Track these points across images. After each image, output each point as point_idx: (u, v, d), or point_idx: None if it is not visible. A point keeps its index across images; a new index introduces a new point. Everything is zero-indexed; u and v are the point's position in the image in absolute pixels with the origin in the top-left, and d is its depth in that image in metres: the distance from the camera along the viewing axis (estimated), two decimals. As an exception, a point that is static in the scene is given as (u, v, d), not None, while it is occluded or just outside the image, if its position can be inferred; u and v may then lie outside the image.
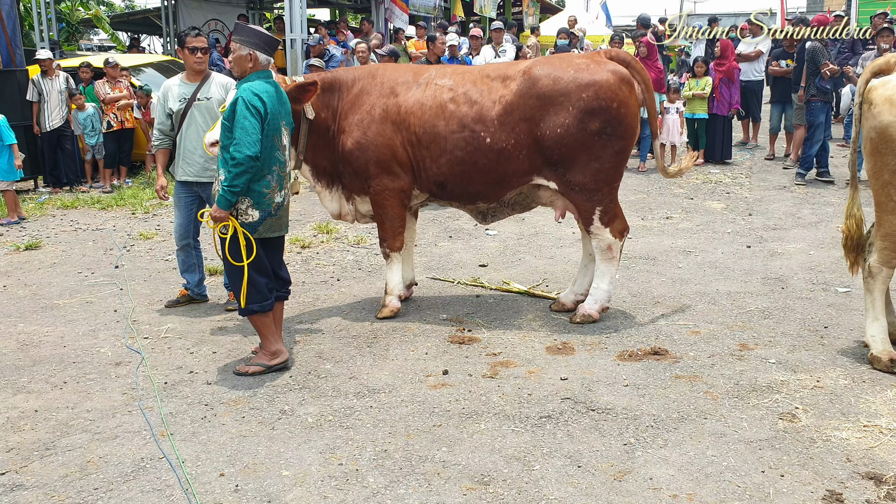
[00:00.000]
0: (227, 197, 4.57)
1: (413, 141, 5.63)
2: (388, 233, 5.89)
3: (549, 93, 5.37)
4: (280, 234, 4.96)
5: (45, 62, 11.37)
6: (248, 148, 4.50)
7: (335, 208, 6.03)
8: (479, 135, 5.49)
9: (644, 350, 5.13)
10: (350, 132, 5.65)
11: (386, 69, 5.99)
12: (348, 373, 4.89)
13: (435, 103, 5.59)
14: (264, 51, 4.74)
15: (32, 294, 6.70)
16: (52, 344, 5.50)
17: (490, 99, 5.52)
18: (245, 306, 4.78)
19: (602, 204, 5.54)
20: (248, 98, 4.56)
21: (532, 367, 4.91)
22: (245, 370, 4.86)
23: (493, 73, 5.67)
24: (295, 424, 4.20)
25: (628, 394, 4.50)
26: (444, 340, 5.42)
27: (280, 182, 4.80)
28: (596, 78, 5.38)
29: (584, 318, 5.70)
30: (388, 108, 5.64)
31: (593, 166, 5.44)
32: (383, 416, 4.27)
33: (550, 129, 5.38)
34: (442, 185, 5.74)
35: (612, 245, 5.66)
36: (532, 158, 5.50)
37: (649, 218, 9.23)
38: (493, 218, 6.03)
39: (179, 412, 4.37)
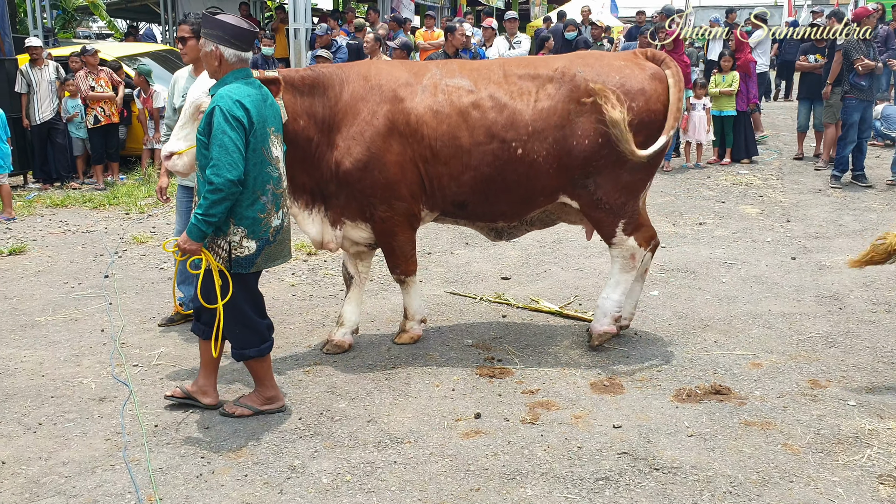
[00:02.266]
0: (200, 227, 3.77)
1: (427, 156, 4.77)
2: (401, 259, 5.09)
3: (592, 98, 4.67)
4: (280, 263, 4.23)
5: (34, 50, 10.69)
6: (228, 170, 3.72)
7: (316, 234, 4.99)
8: (511, 146, 4.73)
9: (703, 388, 4.49)
10: (347, 149, 4.71)
11: (379, 69, 4.98)
12: (366, 414, 4.26)
13: (453, 109, 4.74)
14: (232, 45, 3.88)
15: (12, 309, 6.06)
16: (29, 372, 4.86)
17: (523, 102, 4.75)
18: (239, 350, 4.11)
19: (626, 217, 4.93)
20: (227, 107, 3.75)
21: (578, 409, 4.27)
22: (233, 411, 4.22)
23: (520, 71, 4.86)
24: (307, 486, 3.56)
25: (695, 447, 3.87)
26: (472, 373, 4.78)
27: (276, 202, 4.03)
28: (645, 87, 4.75)
29: (600, 338, 5.07)
30: (394, 117, 4.73)
31: (625, 179, 4.83)
32: (410, 476, 3.63)
33: (591, 139, 4.70)
34: (462, 205, 4.97)
35: (636, 254, 5.04)
36: (564, 173, 4.81)
37: (681, 223, 8.59)
38: (508, 236, 5.36)
39: (171, 467, 3.73)
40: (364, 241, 5.06)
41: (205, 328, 4.10)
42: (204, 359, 4.21)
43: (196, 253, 3.87)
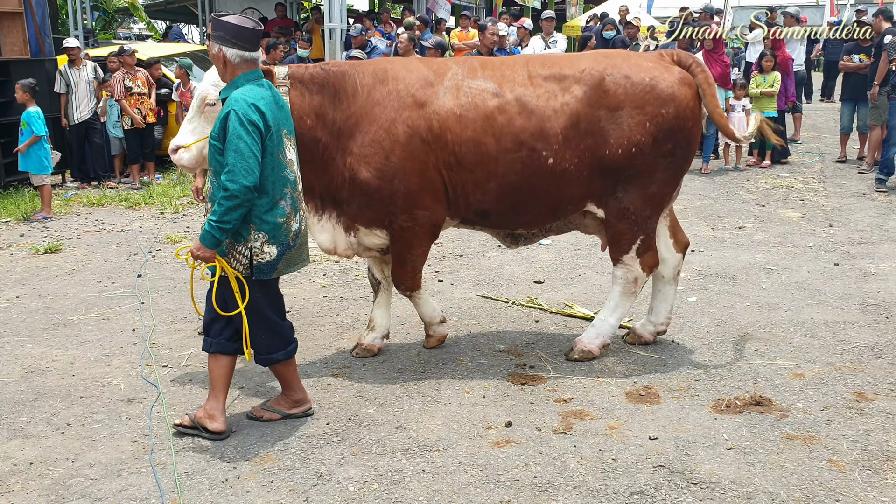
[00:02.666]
0: (214, 234, 3.65)
1: (451, 163, 4.52)
2: (409, 273, 4.81)
3: (624, 104, 4.49)
4: (300, 268, 4.14)
5: (73, 51, 10.80)
6: (244, 176, 3.60)
7: (328, 241, 4.78)
8: (541, 154, 4.50)
9: (743, 399, 4.34)
10: (364, 157, 4.47)
11: (396, 69, 4.66)
12: (394, 420, 4.17)
13: (478, 114, 4.48)
14: (234, 45, 3.74)
15: (46, 307, 6.09)
16: (60, 372, 4.86)
17: (550, 107, 4.50)
18: (266, 355, 4.01)
19: (646, 232, 4.77)
20: (243, 111, 3.64)
21: (612, 419, 4.14)
22: (260, 415, 4.16)
23: (544, 72, 4.60)
24: (333, 495, 3.48)
25: (734, 461, 3.72)
26: (504, 379, 4.67)
27: (294, 206, 3.92)
28: (676, 92, 4.55)
29: (582, 354, 4.91)
30: (415, 123, 4.46)
31: (652, 190, 4.66)
32: (439, 486, 3.54)
33: (623, 148, 4.51)
34: (484, 214, 4.75)
35: (639, 279, 4.88)
36: (592, 181, 4.61)
37: (719, 227, 8.39)
38: (524, 242, 5.16)
39: (197, 472, 3.68)
40: (377, 248, 4.85)
41: (213, 342, 3.96)
42: (213, 377, 4.01)
43: (210, 260, 3.76)
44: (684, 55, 4.86)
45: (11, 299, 6.27)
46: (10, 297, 6.33)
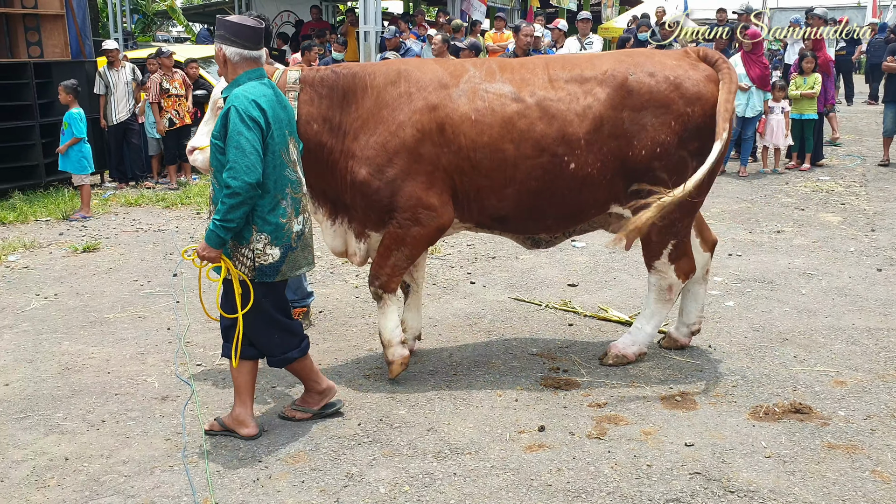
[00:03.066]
0: (218, 233, 3.59)
1: (465, 168, 4.37)
2: (389, 270, 4.54)
3: (649, 104, 4.36)
4: (304, 272, 4.07)
5: (111, 53, 10.96)
6: (246, 173, 3.53)
7: (339, 245, 4.73)
8: (563, 160, 4.36)
9: (782, 406, 4.23)
10: (367, 158, 4.35)
11: (409, 70, 4.52)
12: (426, 422, 4.14)
13: (495, 118, 4.33)
14: (234, 43, 3.70)
15: (83, 305, 6.17)
16: (96, 369, 4.92)
17: (572, 111, 4.35)
18: (282, 356, 3.96)
19: (678, 237, 4.64)
20: (243, 107, 3.58)
21: (647, 425, 4.07)
22: (292, 415, 4.15)
23: (565, 75, 4.45)
24: (364, 496, 3.46)
25: (773, 469, 3.63)
26: (536, 383, 4.62)
27: (296, 206, 3.85)
28: (702, 90, 4.42)
29: (617, 359, 4.84)
30: (425, 127, 4.32)
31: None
32: (470, 490, 3.50)
33: (647, 149, 4.39)
34: (502, 220, 4.62)
35: (674, 286, 4.77)
36: (615, 184, 4.49)
37: (758, 231, 8.24)
38: (546, 245, 4.99)
39: (228, 470, 3.68)
40: None
41: (227, 346, 3.93)
42: (238, 383, 3.96)
43: (215, 260, 3.69)
44: (710, 52, 4.72)
45: (50, 297, 6.36)
46: (48, 294, 6.43)
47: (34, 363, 5.02)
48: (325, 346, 5.27)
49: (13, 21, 10.59)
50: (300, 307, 5.50)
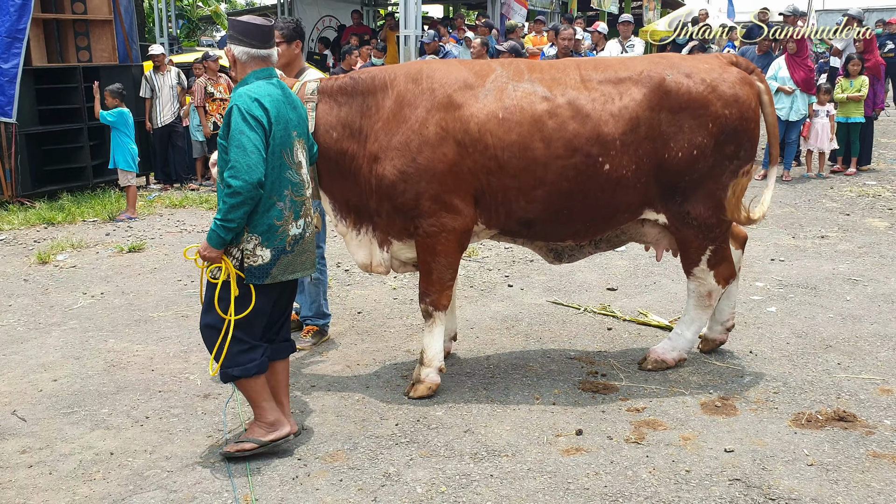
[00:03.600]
0: (219, 233, 3.54)
1: (492, 168, 4.26)
2: (436, 286, 4.45)
3: (686, 105, 4.29)
4: (300, 276, 3.89)
5: (157, 58, 11.18)
6: (247, 172, 3.48)
7: (364, 257, 4.63)
8: (597, 160, 4.25)
9: (826, 414, 4.16)
10: (389, 159, 4.26)
11: (433, 69, 4.45)
12: (463, 424, 4.16)
13: (524, 117, 4.24)
14: (241, 42, 3.68)
15: (128, 304, 6.30)
16: (140, 367, 5.02)
17: (607, 111, 4.26)
18: (222, 369, 3.72)
19: (716, 242, 4.56)
20: (245, 106, 3.54)
21: (686, 430, 4.03)
22: (236, 450, 3.78)
23: (599, 75, 4.37)
24: (401, 495, 3.49)
25: (815, 477, 3.57)
26: (574, 387, 4.60)
27: (295, 210, 3.75)
28: (738, 92, 4.37)
29: (656, 364, 4.79)
30: (448, 125, 4.23)
31: (719, 196, 4.45)
32: (507, 491, 3.51)
33: (684, 151, 4.31)
34: (529, 224, 4.48)
35: (713, 292, 4.70)
36: (649, 187, 4.40)
37: (801, 236, 8.10)
38: (569, 258, 4.86)
39: (268, 468, 3.74)
40: (412, 262, 4.64)
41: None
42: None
43: (216, 260, 3.62)
44: (742, 59, 4.70)
45: (97, 296, 6.51)
46: (95, 293, 6.58)
47: (81, 360, 5.14)
48: (363, 346, 5.32)
49: (64, 26, 10.86)
50: (312, 325, 5.41)
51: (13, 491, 3.59)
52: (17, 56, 9.62)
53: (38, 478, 3.70)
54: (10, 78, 9.59)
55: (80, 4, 10.85)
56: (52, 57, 10.73)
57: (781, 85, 10.67)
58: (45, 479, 3.69)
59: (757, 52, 11.67)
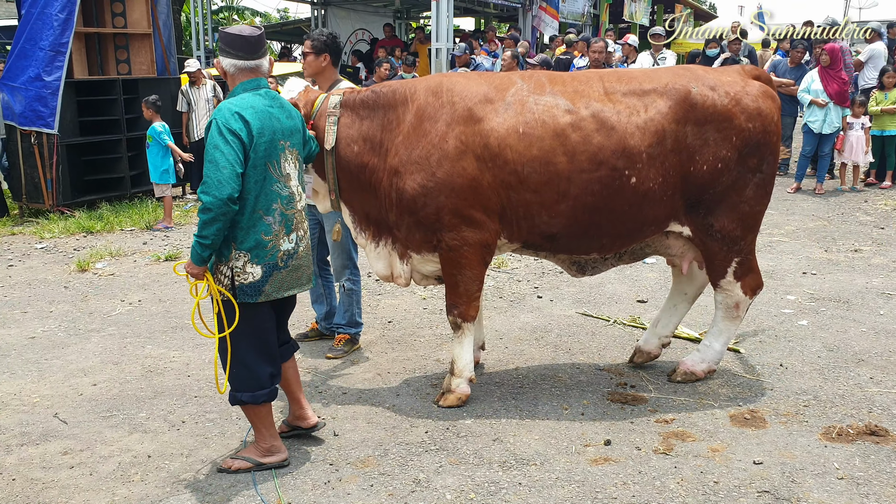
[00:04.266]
0: (196, 250, 3.49)
1: (512, 182, 4.25)
2: (463, 298, 4.47)
3: (711, 118, 4.30)
4: (296, 293, 3.82)
5: (193, 73, 11.39)
6: (216, 188, 3.39)
7: (383, 268, 4.65)
8: (623, 174, 4.23)
9: (857, 428, 4.15)
10: (409, 173, 4.25)
11: (453, 82, 4.43)
12: (492, 433, 4.20)
13: (546, 131, 4.21)
14: (228, 54, 3.63)
15: (165, 311, 6.45)
16: (177, 372, 5.14)
17: (633, 123, 4.24)
18: (232, 392, 3.76)
19: (741, 255, 4.56)
20: (223, 119, 3.48)
21: (715, 442, 4.05)
22: (230, 465, 3.84)
23: (623, 87, 4.36)
24: (430, 501, 3.54)
25: (846, 491, 3.56)
26: (603, 398, 4.63)
27: (286, 224, 3.66)
28: (761, 105, 4.38)
29: (685, 376, 4.80)
30: (468, 139, 4.22)
31: (743, 209, 4.46)
32: (535, 499, 3.55)
33: (709, 164, 4.32)
34: (552, 238, 4.46)
35: (741, 304, 4.69)
36: (675, 200, 4.40)
37: (834, 250, 8.04)
38: (593, 271, 4.83)
39: (301, 472, 3.82)
40: (433, 275, 4.66)
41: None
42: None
43: (199, 277, 3.59)
44: (762, 72, 4.73)
45: (134, 303, 6.67)
46: (133, 300, 6.74)
47: (119, 365, 5.28)
48: (393, 355, 5.39)
49: (104, 40, 11.14)
50: (344, 333, 5.48)
51: (56, 490, 3.71)
52: (59, 69, 9.90)
53: (80, 478, 3.82)
54: (53, 90, 9.87)
55: (120, 19, 11.13)
56: (93, 69, 11.01)
57: (814, 98, 10.60)
58: (86, 479, 3.81)
59: (789, 65, 11.60)
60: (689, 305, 5.06)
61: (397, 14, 22.27)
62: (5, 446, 4.14)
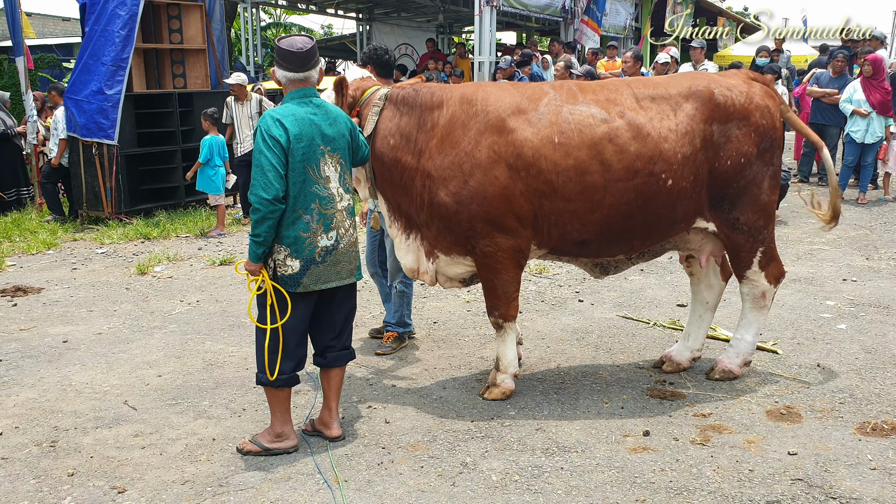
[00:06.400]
0: (251, 247, 3.86)
1: (546, 191, 4.34)
2: (502, 300, 4.61)
3: (733, 116, 4.52)
4: (336, 286, 4.04)
5: (233, 87, 11.39)
6: (263, 189, 3.74)
7: (411, 262, 4.77)
8: (660, 178, 4.38)
9: (891, 423, 4.26)
10: (442, 179, 4.38)
11: (486, 91, 4.54)
12: (534, 423, 4.41)
13: (581, 141, 4.31)
14: (280, 66, 3.93)
15: (222, 311, 6.77)
16: (236, 366, 5.44)
17: (665, 127, 4.41)
18: (257, 373, 4.09)
19: (765, 244, 4.75)
20: (266, 127, 3.81)
21: (751, 435, 4.20)
22: (244, 447, 4.13)
23: (650, 92, 4.52)
24: (477, 482, 3.77)
25: (878, 480, 3.69)
26: (642, 393, 4.80)
27: (325, 222, 3.93)
28: (768, 103, 4.65)
29: (723, 374, 4.96)
30: (500, 149, 4.32)
31: (762, 200, 4.66)
32: (576, 482, 3.74)
33: (733, 160, 4.52)
34: (582, 244, 4.60)
35: (767, 292, 4.86)
36: (702, 196, 4.58)
37: (875, 258, 8.08)
38: (615, 271, 4.99)
39: (355, 454, 4.07)
40: (458, 278, 4.80)
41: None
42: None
43: (256, 273, 3.92)
44: (758, 75, 4.92)
45: (192, 303, 7.01)
46: (191, 301, 7.08)
47: (181, 359, 5.60)
48: (439, 352, 5.62)
49: (162, 55, 11.63)
50: (392, 331, 5.73)
51: (130, 467, 4.01)
52: (120, 83, 10.37)
53: (151, 457, 4.11)
54: (114, 103, 10.34)
55: (177, 35, 11.61)
56: (151, 83, 11.49)
57: (857, 108, 10.63)
58: (157, 458, 4.10)
59: (832, 75, 11.63)
60: (712, 313, 5.23)
61: (440, 29, 22.66)
62: (82, 429, 4.47)
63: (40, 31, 24.75)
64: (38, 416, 4.64)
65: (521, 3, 15.60)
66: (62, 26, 29.26)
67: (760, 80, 4.82)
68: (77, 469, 3.99)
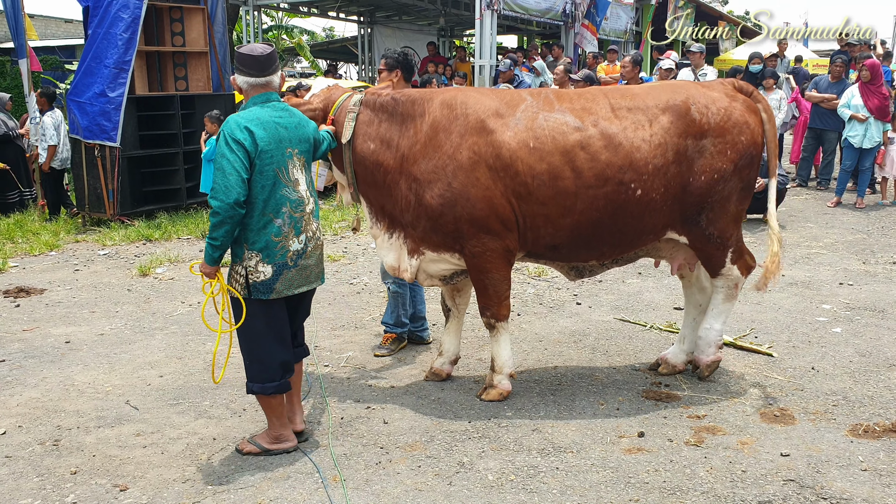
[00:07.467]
0: (208, 251, 3.81)
1: (522, 193, 4.44)
2: (494, 299, 4.68)
3: (708, 132, 4.54)
4: (306, 290, 4.10)
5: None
6: (224, 193, 3.69)
7: (393, 260, 4.83)
8: (629, 187, 4.45)
9: (883, 426, 4.32)
10: (427, 182, 4.47)
11: (466, 96, 4.62)
12: (531, 423, 4.47)
13: (555, 147, 4.41)
14: (241, 71, 3.89)
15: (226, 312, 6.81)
16: (237, 366, 5.46)
17: (639, 138, 4.46)
18: (247, 382, 4.11)
19: (735, 244, 4.84)
20: (229, 131, 3.76)
21: (744, 436, 4.26)
22: (243, 448, 4.18)
23: (627, 103, 4.57)
24: (474, 481, 3.83)
25: (868, 481, 3.75)
26: (638, 395, 4.86)
27: (295, 225, 3.94)
28: (748, 120, 4.66)
29: (709, 368, 5.03)
30: (480, 149, 4.41)
31: (732, 212, 4.73)
32: (571, 482, 3.80)
33: (706, 175, 4.55)
34: (555, 248, 4.68)
35: (739, 283, 4.95)
36: (673, 210, 4.62)
37: (872, 262, 8.14)
38: (589, 274, 5.06)
39: (354, 454, 4.13)
40: (439, 275, 4.86)
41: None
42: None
43: (211, 276, 3.91)
44: (745, 85, 4.94)
45: (193, 304, 7.07)
46: (192, 302, 7.14)
47: (183, 359, 5.66)
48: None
49: (164, 58, 11.70)
50: (390, 333, 5.79)
51: (132, 466, 4.07)
52: (122, 85, 10.44)
53: (153, 456, 4.17)
54: (117, 105, 10.41)
55: (179, 38, 11.67)
56: (153, 86, 11.55)
57: (855, 113, 10.69)
58: (159, 457, 4.16)
59: (830, 80, 11.70)
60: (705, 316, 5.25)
61: (441, 32, 22.74)
62: (84, 428, 4.53)
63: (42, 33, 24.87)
64: (42, 416, 4.70)
65: (521, 6, 15.67)
66: (65, 28, 29.38)
67: (745, 92, 4.84)
68: (80, 467, 4.05)
